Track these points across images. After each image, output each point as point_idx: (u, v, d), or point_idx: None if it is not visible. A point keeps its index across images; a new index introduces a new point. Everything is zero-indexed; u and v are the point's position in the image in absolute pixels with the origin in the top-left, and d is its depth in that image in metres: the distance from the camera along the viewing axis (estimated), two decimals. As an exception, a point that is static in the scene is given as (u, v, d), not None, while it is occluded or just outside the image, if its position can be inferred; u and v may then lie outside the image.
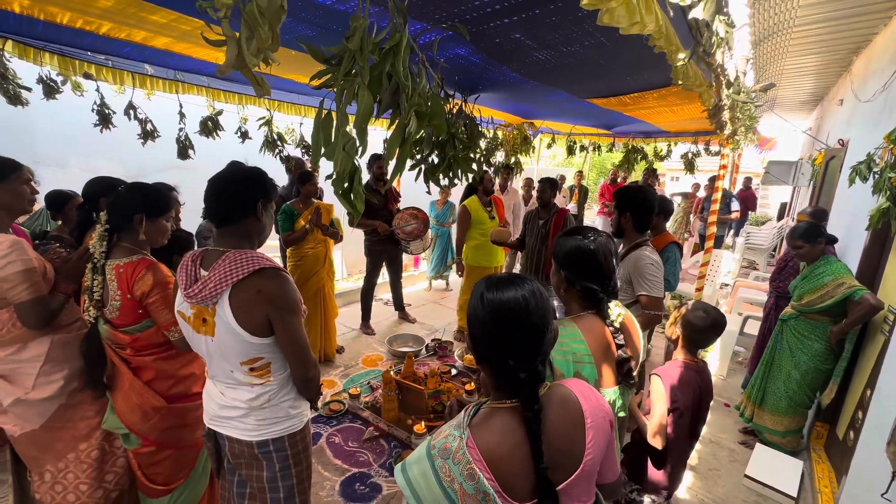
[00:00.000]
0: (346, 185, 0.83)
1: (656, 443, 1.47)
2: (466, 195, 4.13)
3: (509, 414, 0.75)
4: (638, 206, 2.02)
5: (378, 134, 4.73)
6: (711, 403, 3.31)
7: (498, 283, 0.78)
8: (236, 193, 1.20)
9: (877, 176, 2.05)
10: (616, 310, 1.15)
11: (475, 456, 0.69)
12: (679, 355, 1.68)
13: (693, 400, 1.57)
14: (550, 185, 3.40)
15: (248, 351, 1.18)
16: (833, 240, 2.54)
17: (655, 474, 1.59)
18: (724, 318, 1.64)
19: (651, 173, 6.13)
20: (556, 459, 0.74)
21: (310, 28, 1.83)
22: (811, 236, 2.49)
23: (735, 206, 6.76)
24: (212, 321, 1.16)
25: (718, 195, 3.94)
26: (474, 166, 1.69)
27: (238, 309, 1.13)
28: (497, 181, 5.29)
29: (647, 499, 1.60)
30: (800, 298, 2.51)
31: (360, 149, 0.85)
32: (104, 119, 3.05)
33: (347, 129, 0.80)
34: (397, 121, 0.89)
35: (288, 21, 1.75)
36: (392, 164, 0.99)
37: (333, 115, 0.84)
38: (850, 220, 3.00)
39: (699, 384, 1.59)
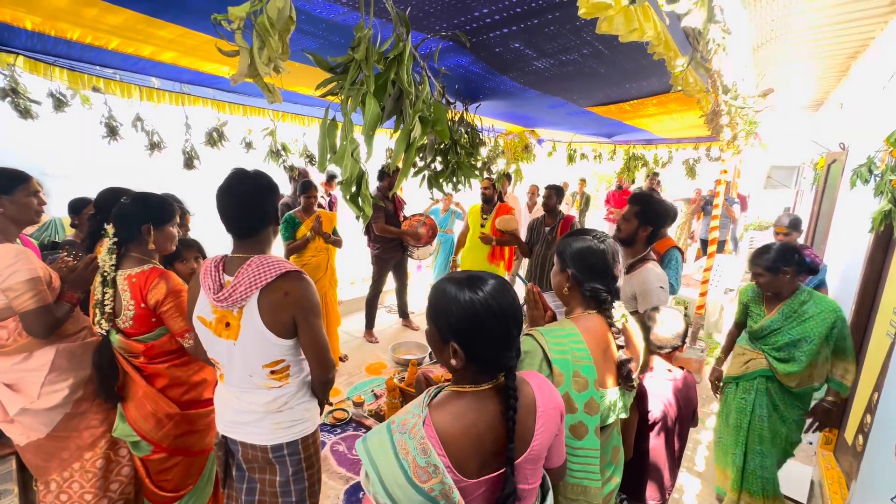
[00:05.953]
0: (353, 189, 0.84)
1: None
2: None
3: (468, 397, 0.82)
4: (662, 222, 1.97)
5: (384, 142, 4.77)
6: (717, 409, 3.28)
7: (473, 281, 0.82)
8: (256, 205, 1.22)
9: (878, 178, 2.06)
10: (619, 311, 1.16)
11: (430, 433, 0.75)
12: (653, 364, 1.63)
13: (666, 410, 1.53)
14: (556, 192, 3.45)
15: (271, 353, 1.22)
16: (812, 270, 1.90)
17: (642, 483, 1.56)
18: (682, 319, 1.59)
19: (654, 177, 6.15)
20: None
21: (313, 41, 1.87)
22: (777, 262, 1.84)
23: (737, 209, 6.77)
24: (236, 325, 1.19)
25: (719, 200, 3.95)
26: (476, 173, 1.72)
27: (266, 310, 1.17)
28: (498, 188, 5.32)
29: None
30: (778, 350, 1.87)
31: (367, 155, 0.87)
32: (112, 131, 3.10)
33: (354, 135, 0.82)
34: (402, 127, 0.91)
35: (292, 34, 1.79)
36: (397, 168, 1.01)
37: (338, 124, 0.86)
38: (852, 224, 2.99)
39: (675, 393, 1.55)
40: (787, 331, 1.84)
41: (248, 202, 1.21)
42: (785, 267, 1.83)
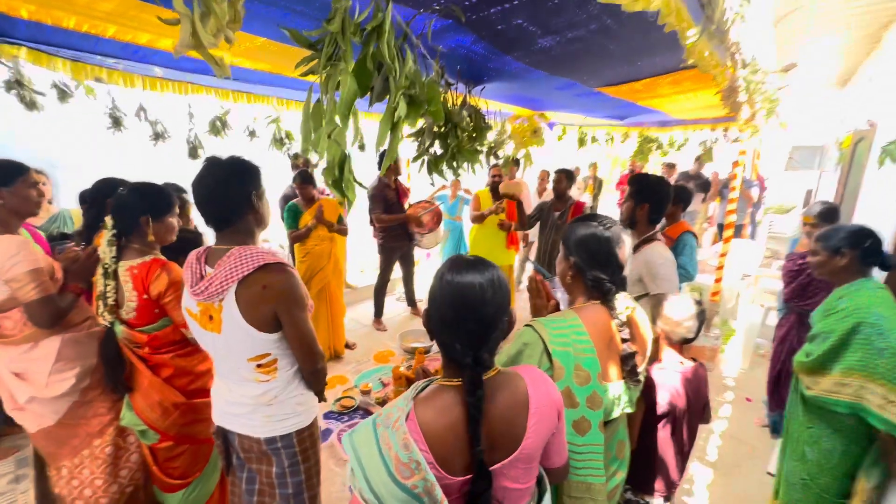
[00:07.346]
0: (336, 174, 0.80)
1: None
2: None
3: (454, 392, 0.78)
4: (658, 198, 1.92)
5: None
6: (732, 398, 3.21)
7: (459, 266, 0.80)
8: (228, 194, 1.17)
9: (909, 156, 1.92)
10: (623, 302, 1.10)
11: (412, 427, 0.73)
12: (662, 355, 1.56)
13: (674, 402, 1.47)
14: (567, 176, 3.36)
15: (254, 347, 1.19)
16: (886, 265, 1.50)
17: (649, 476, 1.52)
18: (696, 310, 1.49)
19: (699, 160, 6.04)
20: (496, 440, 0.78)
21: (308, 22, 1.81)
22: (837, 241, 1.52)
23: (755, 192, 6.55)
24: (218, 318, 1.16)
25: (736, 182, 3.80)
26: (481, 158, 1.65)
27: (244, 304, 1.13)
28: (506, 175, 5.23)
29: (641, 500, 1.53)
30: (810, 341, 1.60)
31: (351, 137, 0.82)
32: (116, 122, 3.11)
33: (333, 117, 0.77)
34: (388, 105, 0.86)
35: (286, 15, 1.73)
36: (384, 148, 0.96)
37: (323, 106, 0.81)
38: (880, 204, 2.84)
39: (684, 385, 1.48)
40: (816, 322, 1.59)
41: (220, 191, 1.16)
42: (845, 249, 1.49)
